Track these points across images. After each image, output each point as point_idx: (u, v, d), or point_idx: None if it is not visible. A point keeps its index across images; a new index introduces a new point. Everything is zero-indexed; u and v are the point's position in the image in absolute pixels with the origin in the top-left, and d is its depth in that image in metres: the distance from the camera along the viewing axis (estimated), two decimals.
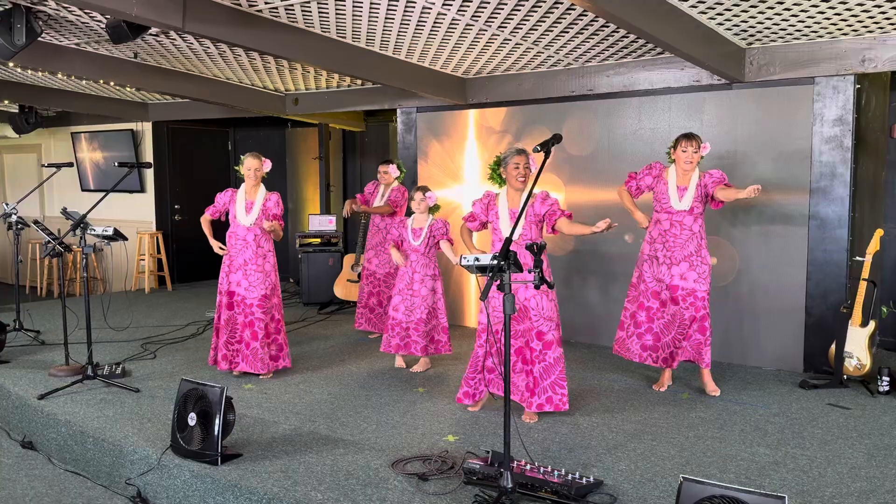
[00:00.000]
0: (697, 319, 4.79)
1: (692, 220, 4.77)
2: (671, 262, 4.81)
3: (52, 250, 5.48)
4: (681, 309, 4.82)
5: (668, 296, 4.85)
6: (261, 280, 5.23)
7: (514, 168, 4.35)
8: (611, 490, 3.39)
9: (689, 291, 4.78)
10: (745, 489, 2.56)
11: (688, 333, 4.84)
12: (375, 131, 9.79)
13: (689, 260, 4.77)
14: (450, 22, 4.89)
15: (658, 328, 4.92)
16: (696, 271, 4.76)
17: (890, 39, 4.91)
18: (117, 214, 9.90)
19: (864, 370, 4.99)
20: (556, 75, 6.38)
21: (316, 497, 3.32)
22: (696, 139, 4.73)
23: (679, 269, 4.79)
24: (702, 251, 4.79)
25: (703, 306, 4.78)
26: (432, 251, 5.45)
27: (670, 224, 4.81)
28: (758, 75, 5.41)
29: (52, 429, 4.57)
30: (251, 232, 5.23)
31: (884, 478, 3.56)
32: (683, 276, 4.78)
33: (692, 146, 4.71)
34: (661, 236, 4.86)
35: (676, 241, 4.79)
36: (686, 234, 4.77)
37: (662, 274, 4.85)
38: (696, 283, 4.76)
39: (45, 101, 8.21)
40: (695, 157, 4.72)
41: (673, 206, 4.78)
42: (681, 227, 4.78)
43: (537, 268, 3.37)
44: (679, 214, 4.78)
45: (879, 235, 5.07)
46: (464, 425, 4.31)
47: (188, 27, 4.27)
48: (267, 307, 5.26)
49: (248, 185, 5.32)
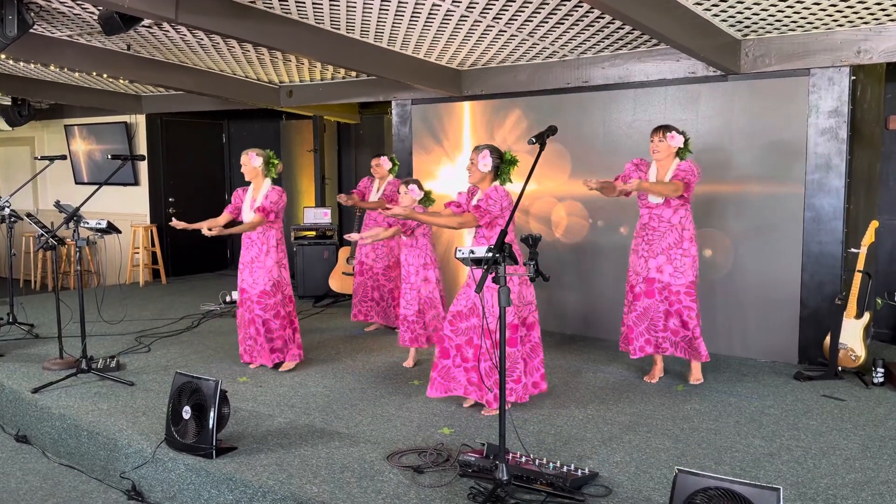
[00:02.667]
0: (673, 314, 4.79)
1: (671, 212, 4.75)
2: (649, 255, 4.81)
3: (45, 243, 5.46)
4: (655, 302, 4.82)
5: (643, 289, 4.84)
6: (261, 276, 5.21)
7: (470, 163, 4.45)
8: (606, 482, 3.39)
9: (665, 285, 4.78)
10: (739, 481, 2.56)
11: (665, 326, 4.83)
12: (370, 123, 9.76)
13: (667, 253, 4.76)
14: (445, 13, 4.87)
15: (630, 321, 4.93)
16: (672, 264, 4.75)
17: (885, 31, 4.90)
18: (111, 207, 9.86)
19: (859, 362, 5.00)
20: (552, 67, 6.36)
21: (311, 490, 3.32)
22: (661, 129, 4.71)
23: (656, 261, 4.79)
24: (683, 243, 4.75)
25: (677, 300, 4.77)
26: (421, 241, 5.41)
27: (649, 217, 4.82)
28: (753, 67, 5.40)
29: (46, 422, 4.56)
30: (255, 230, 5.22)
31: (878, 469, 3.57)
32: (660, 268, 4.78)
33: (658, 136, 4.71)
34: (641, 229, 4.89)
35: (655, 233, 4.79)
36: (664, 227, 4.76)
37: (640, 267, 4.86)
38: (671, 277, 4.75)
39: (37, 93, 8.17)
40: (660, 146, 4.70)
41: (650, 199, 4.79)
42: (659, 219, 4.78)
43: (532, 260, 3.36)
44: (657, 208, 4.78)
45: (874, 227, 5.07)
46: (459, 418, 4.31)
47: (181, 18, 4.24)
48: (267, 303, 5.21)
49: (253, 183, 5.32)
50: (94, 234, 5.36)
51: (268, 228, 5.24)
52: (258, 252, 5.24)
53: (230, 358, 5.66)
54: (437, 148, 7.25)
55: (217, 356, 5.76)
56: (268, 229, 5.24)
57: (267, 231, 5.24)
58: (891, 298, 5.78)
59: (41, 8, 4.92)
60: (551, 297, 6.59)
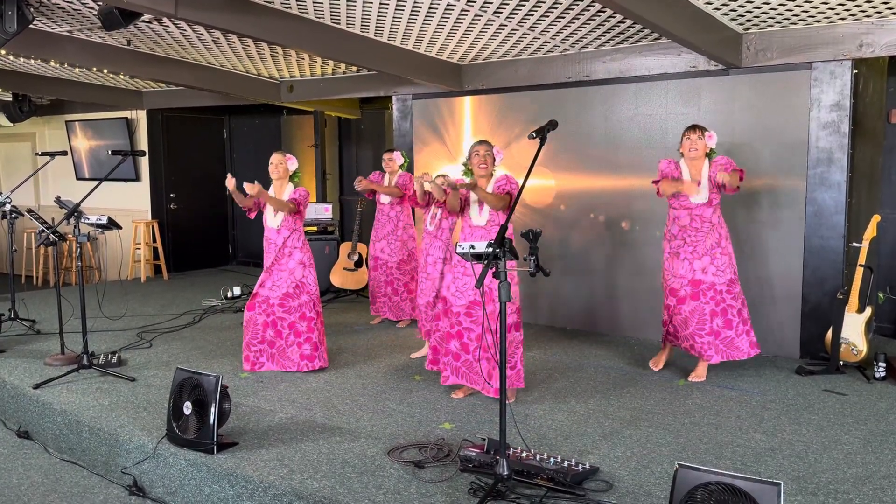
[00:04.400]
0: (719, 313, 4.76)
1: (711, 211, 4.74)
2: (693, 257, 4.76)
3: (46, 239, 5.46)
4: (701, 304, 4.77)
5: (690, 291, 4.79)
6: (284, 278, 5.10)
7: (475, 156, 4.46)
8: (607, 477, 3.39)
9: (710, 285, 4.75)
10: (740, 475, 2.56)
11: (711, 329, 4.78)
12: (371, 119, 9.75)
13: (711, 253, 4.74)
14: (445, 7, 4.85)
15: (678, 323, 4.89)
16: (714, 264, 4.74)
17: (888, 24, 4.88)
18: (113, 203, 9.85)
19: (861, 356, 4.99)
20: (553, 61, 6.34)
21: (312, 485, 3.32)
22: (699, 128, 4.72)
23: (701, 262, 4.75)
24: (722, 241, 4.76)
25: (721, 299, 4.75)
26: (443, 233, 5.42)
27: (690, 218, 4.76)
28: (755, 61, 5.38)
29: (47, 418, 4.57)
30: (280, 235, 5.11)
31: (879, 463, 3.57)
32: (704, 269, 4.75)
33: (696, 134, 4.70)
34: (681, 231, 4.81)
35: (698, 234, 4.74)
36: (707, 227, 4.74)
37: (684, 269, 4.79)
38: (714, 276, 4.74)
39: (38, 89, 8.17)
40: (699, 145, 4.69)
41: (692, 199, 4.73)
42: (701, 220, 4.74)
43: (533, 255, 3.35)
44: (699, 208, 4.73)
45: (876, 221, 5.06)
46: (460, 413, 4.31)
47: (181, 13, 4.23)
48: (290, 306, 5.11)
49: (276, 184, 5.20)
50: (95, 230, 5.36)
51: (292, 231, 5.11)
52: (280, 255, 5.12)
53: (231, 354, 5.67)
54: (437, 143, 7.24)
55: (218, 352, 5.77)
56: (292, 231, 5.12)
57: (292, 233, 5.11)
58: (892, 293, 5.77)
59: (41, 3, 4.91)
60: (552, 291, 6.59)
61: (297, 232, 5.16)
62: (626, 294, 6.22)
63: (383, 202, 6.59)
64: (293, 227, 5.13)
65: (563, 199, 6.47)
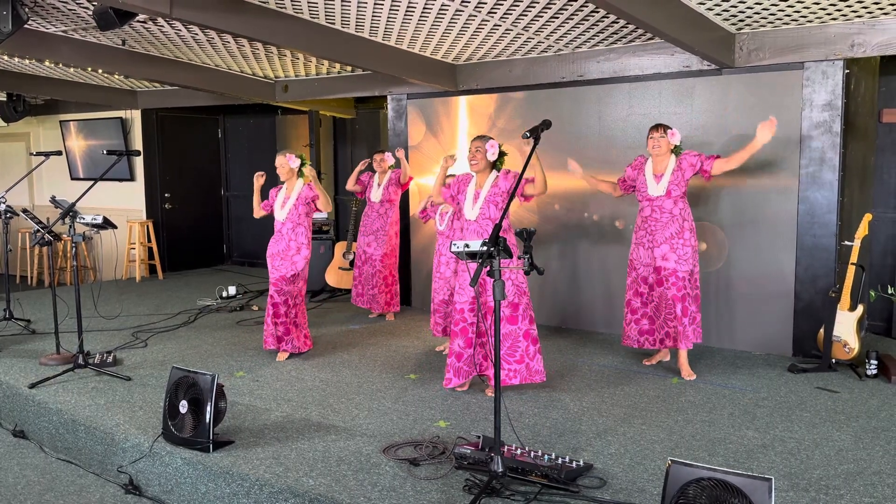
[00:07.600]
0: (679, 299, 4.88)
1: (671, 203, 4.91)
2: (654, 245, 4.96)
3: (41, 239, 5.46)
4: (664, 290, 4.95)
5: (654, 278, 5.00)
6: (284, 265, 5.36)
7: (468, 152, 4.62)
8: (600, 473, 3.41)
9: (671, 272, 4.90)
10: (732, 471, 2.58)
11: (673, 314, 4.95)
12: (366, 118, 9.76)
13: (670, 242, 4.90)
14: (440, 7, 4.87)
15: (652, 311, 5.08)
16: (675, 253, 4.89)
17: (879, 24, 4.92)
18: (107, 203, 9.84)
19: (853, 354, 5.03)
20: (547, 61, 6.37)
21: (308, 483, 3.34)
22: (661, 127, 4.93)
23: (661, 250, 4.93)
24: (684, 233, 4.91)
25: (682, 286, 4.88)
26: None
27: (651, 210, 4.98)
28: (747, 61, 5.42)
29: (43, 417, 4.57)
30: (285, 226, 5.37)
31: (870, 460, 3.60)
32: (665, 256, 4.92)
33: (658, 132, 4.91)
34: (643, 222, 5.03)
35: (657, 224, 4.94)
36: (666, 217, 4.92)
37: (648, 258, 5.00)
38: (676, 264, 4.89)
39: (33, 89, 8.14)
40: (661, 142, 4.90)
41: (650, 192, 4.96)
42: (661, 211, 4.94)
43: (527, 253, 3.38)
44: (658, 200, 4.94)
45: (868, 220, 5.09)
46: (455, 411, 4.33)
47: (176, 13, 4.24)
48: (283, 290, 5.35)
49: (287, 184, 5.47)
50: (91, 230, 5.37)
51: (297, 225, 5.37)
52: (286, 247, 5.37)
53: (227, 353, 5.68)
54: (432, 142, 7.26)
55: (214, 351, 5.77)
56: (298, 225, 5.37)
57: (298, 225, 5.37)
58: (884, 291, 5.80)
59: (36, 3, 4.91)
60: (546, 289, 6.61)
61: (302, 227, 5.42)
62: (620, 292, 6.23)
63: (374, 200, 6.77)
64: (300, 223, 5.41)
65: (556, 199, 6.50)
